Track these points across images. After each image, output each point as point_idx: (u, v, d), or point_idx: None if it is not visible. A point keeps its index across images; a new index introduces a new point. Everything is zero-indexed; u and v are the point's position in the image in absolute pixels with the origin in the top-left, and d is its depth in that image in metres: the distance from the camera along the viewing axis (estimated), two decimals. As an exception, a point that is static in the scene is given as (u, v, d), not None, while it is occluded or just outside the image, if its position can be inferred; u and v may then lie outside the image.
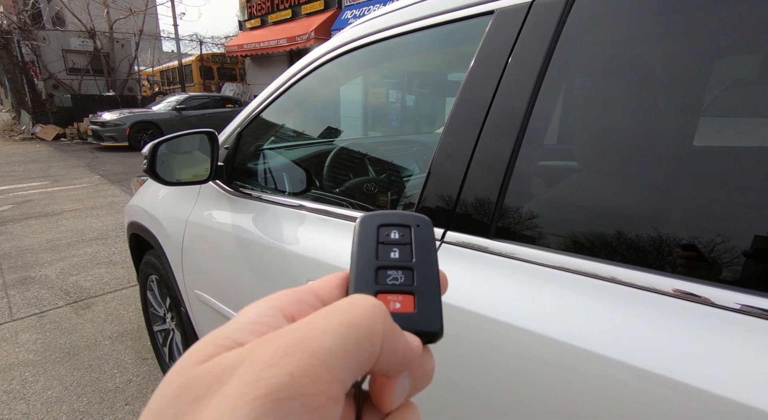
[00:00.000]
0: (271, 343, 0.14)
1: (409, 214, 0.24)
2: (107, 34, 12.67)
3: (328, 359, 0.14)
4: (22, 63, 11.78)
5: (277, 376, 0.13)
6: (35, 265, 3.08)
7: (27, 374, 1.91)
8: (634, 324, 0.49)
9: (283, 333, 0.15)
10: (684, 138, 0.63)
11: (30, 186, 5.53)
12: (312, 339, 0.14)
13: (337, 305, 0.16)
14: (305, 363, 0.14)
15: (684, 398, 0.43)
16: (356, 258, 0.22)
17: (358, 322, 0.15)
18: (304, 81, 1.11)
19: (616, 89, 0.68)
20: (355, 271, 0.21)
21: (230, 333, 0.16)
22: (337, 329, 0.15)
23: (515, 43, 0.66)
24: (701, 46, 0.59)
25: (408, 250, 0.22)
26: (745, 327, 0.43)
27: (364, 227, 0.23)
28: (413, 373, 0.18)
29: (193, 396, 0.14)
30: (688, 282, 0.48)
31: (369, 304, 0.17)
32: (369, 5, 8.93)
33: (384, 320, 0.16)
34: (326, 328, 0.15)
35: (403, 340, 0.17)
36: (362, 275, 0.21)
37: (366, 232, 0.23)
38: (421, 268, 0.21)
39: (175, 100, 9.81)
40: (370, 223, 0.23)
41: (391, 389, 0.17)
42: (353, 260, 0.22)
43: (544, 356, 0.53)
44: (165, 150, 1.16)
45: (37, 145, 9.66)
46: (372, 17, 0.97)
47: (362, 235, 0.23)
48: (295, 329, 0.15)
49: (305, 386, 0.13)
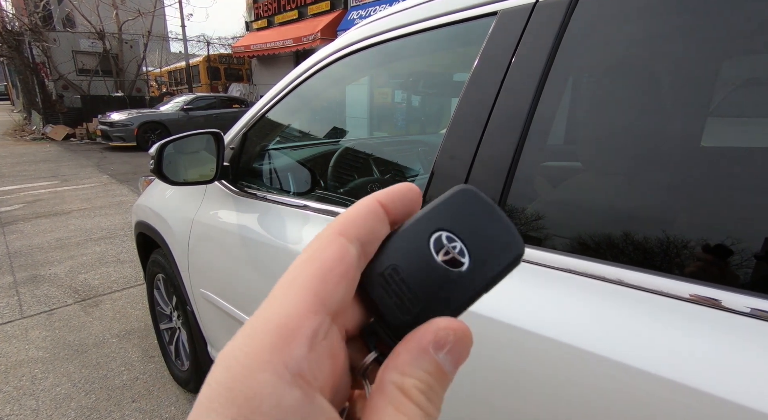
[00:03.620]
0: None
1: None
2: (116, 35, 12.81)
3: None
4: (33, 64, 11.95)
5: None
6: (45, 263, 3.12)
7: (36, 371, 1.94)
8: (641, 327, 0.49)
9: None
10: (691, 139, 0.63)
11: (40, 185, 5.61)
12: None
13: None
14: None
15: (690, 401, 0.43)
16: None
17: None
18: (310, 81, 1.12)
19: (620, 90, 0.68)
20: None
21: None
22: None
23: (518, 44, 0.65)
24: (707, 46, 0.59)
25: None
26: (756, 331, 0.43)
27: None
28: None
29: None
30: (696, 285, 0.47)
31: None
32: (375, 6, 8.94)
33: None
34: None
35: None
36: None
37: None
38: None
39: (183, 101, 9.89)
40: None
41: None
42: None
43: (549, 358, 0.53)
44: (172, 150, 1.17)
45: (47, 145, 9.79)
46: (377, 18, 0.97)
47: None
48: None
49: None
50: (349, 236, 0.17)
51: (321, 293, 0.16)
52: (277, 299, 0.16)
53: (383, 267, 0.18)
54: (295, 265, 0.17)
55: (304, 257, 0.17)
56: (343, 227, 0.18)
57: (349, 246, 0.17)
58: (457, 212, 0.19)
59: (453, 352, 0.17)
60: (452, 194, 0.19)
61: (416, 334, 0.17)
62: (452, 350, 0.17)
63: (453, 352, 0.17)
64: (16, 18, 12.32)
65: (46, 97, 11.77)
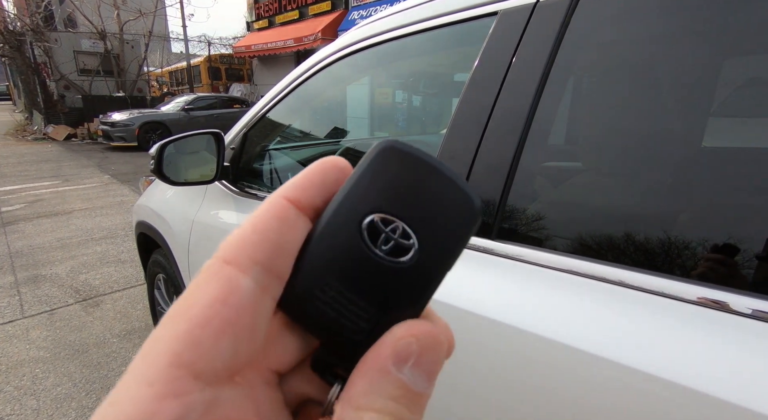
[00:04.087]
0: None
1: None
2: (117, 35, 12.82)
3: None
4: (34, 64, 11.97)
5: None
6: (46, 263, 3.13)
7: (37, 371, 1.94)
8: (643, 328, 0.48)
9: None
10: (692, 139, 0.63)
11: (41, 185, 5.62)
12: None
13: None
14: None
15: (689, 402, 0.42)
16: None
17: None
18: (311, 81, 1.12)
19: (620, 90, 0.68)
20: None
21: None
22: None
23: (519, 44, 0.65)
24: (708, 46, 0.58)
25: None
26: (757, 332, 0.42)
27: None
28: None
29: None
30: (698, 286, 0.47)
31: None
32: (376, 6, 8.94)
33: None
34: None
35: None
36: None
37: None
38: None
39: (184, 101, 9.90)
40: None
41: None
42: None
43: (550, 359, 0.53)
44: (172, 150, 1.17)
45: (48, 145, 9.81)
46: (377, 18, 0.97)
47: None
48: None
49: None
50: (239, 263, 0.13)
51: (188, 360, 0.12)
52: (125, 384, 0.12)
53: (309, 281, 0.14)
54: (162, 321, 0.13)
55: (174, 307, 0.13)
56: (231, 251, 0.13)
57: (238, 278, 0.13)
58: (387, 182, 0.14)
59: (421, 363, 0.13)
60: (372, 159, 0.15)
61: (371, 353, 0.13)
62: (419, 362, 0.13)
63: (421, 363, 0.13)
64: (18, 18, 12.35)
65: (48, 97, 11.79)
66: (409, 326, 0.13)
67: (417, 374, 0.13)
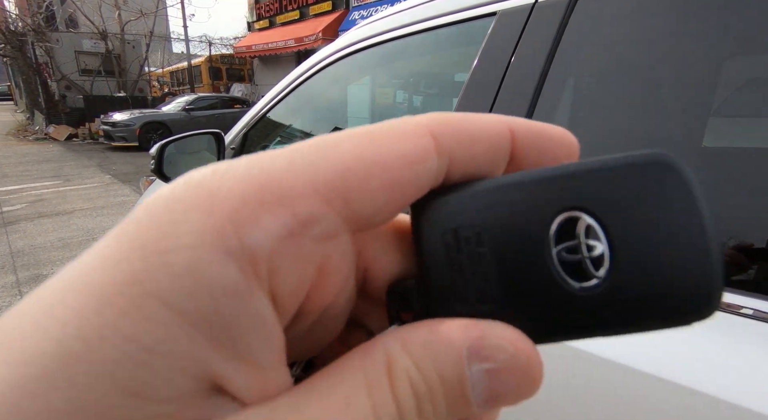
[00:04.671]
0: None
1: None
2: (118, 35, 12.85)
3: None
4: (35, 64, 12.00)
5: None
6: (47, 263, 3.14)
7: (38, 370, 1.95)
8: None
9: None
10: (693, 139, 0.63)
11: (42, 185, 5.63)
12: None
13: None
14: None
15: (689, 402, 0.42)
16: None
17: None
18: (311, 81, 1.12)
19: (619, 90, 0.68)
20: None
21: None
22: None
23: (517, 44, 0.65)
24: (708, 46, 0.58)
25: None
26: (758, 332, 0.42)
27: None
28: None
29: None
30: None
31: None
32: (377, 6, 8.95)
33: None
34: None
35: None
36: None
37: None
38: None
39: (185, 101, 9.92)
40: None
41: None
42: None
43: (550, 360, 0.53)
44: (172, 150, 1.18)
45: (49, 145, 9.83)
46: (378, 18, 0.97)
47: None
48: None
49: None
50: (442, 140, 0.11)
51: (342, 186, 0.10)
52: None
53: (460, 221, 0.11)
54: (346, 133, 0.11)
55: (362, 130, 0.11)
56: (441, 126, 0.11)
57: (432, 150, 0.11)
58: (626, 193, 0.10)
59: (496, 377, 0.10)
60: (631, 161, 0.11)
61: (457, 321, 0.11)
62: (495, 374, 0.10)
63: (496, 377, 0.10)
64: (19, 18, 12.38)
65: (49, 98, 11.82)
66: (517, 336, 0.11)
67: (482, 384, 0.10)
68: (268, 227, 0.09)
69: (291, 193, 0.10)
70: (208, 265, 0.09)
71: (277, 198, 0.10)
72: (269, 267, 0.09)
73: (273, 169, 0.10)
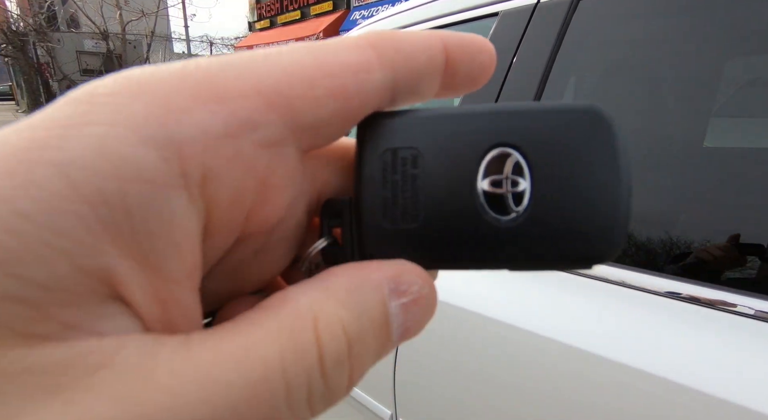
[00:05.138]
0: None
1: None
2: (120, 35, 12.87)
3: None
4: (37, 64, 12.03)
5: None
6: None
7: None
8: (644, 327, 0.49)
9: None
10: (694, 139, 0.63)
11: (44, 185, 5.65)
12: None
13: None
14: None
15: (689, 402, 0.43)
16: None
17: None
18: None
19: (620, 90, 0.68)
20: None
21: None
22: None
23: (519, 45, 0.66)
24: (709, 47, 0.59)
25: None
26: (758, 332, 0.42)
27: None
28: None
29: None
30: (699, 286, 0.47)
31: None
32: (378, 6, 8.95)
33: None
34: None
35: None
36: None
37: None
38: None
39: (186, 101, 9.93)
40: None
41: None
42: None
43: (550, 359, 0.53)
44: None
45: (51, 145, 9.84)
46: (379, 19, 0.98)
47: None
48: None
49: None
50: (383, 52, 0.11)
51: (287, 93, 0.09)
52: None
53: (401, 143, 0.12)
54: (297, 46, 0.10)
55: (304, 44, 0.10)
56: (381, 40, 0.11)
57: (375, 62, 0.10)
58: (557, 137, 0.11)
59: (410, 310, 0.11)
60: (567, 108, 0.11)
61: (372, 264, 0.11)
62: (410, 307, 0.11)
63: (410, 310, 0.11)
64: (21, 18, 12.41)
65: (51, 97, 11.84)
66: (417, 267, 0.11)
67: (400, 317, 0.11)
68: (202, 120, 0.08)
69: (230, 91, 0.09)
70: (121, 142, 0.08)
71: (214, 94, 0.09)
72: (202, 170, 0.09)
73: (211, 67, 0.09)
